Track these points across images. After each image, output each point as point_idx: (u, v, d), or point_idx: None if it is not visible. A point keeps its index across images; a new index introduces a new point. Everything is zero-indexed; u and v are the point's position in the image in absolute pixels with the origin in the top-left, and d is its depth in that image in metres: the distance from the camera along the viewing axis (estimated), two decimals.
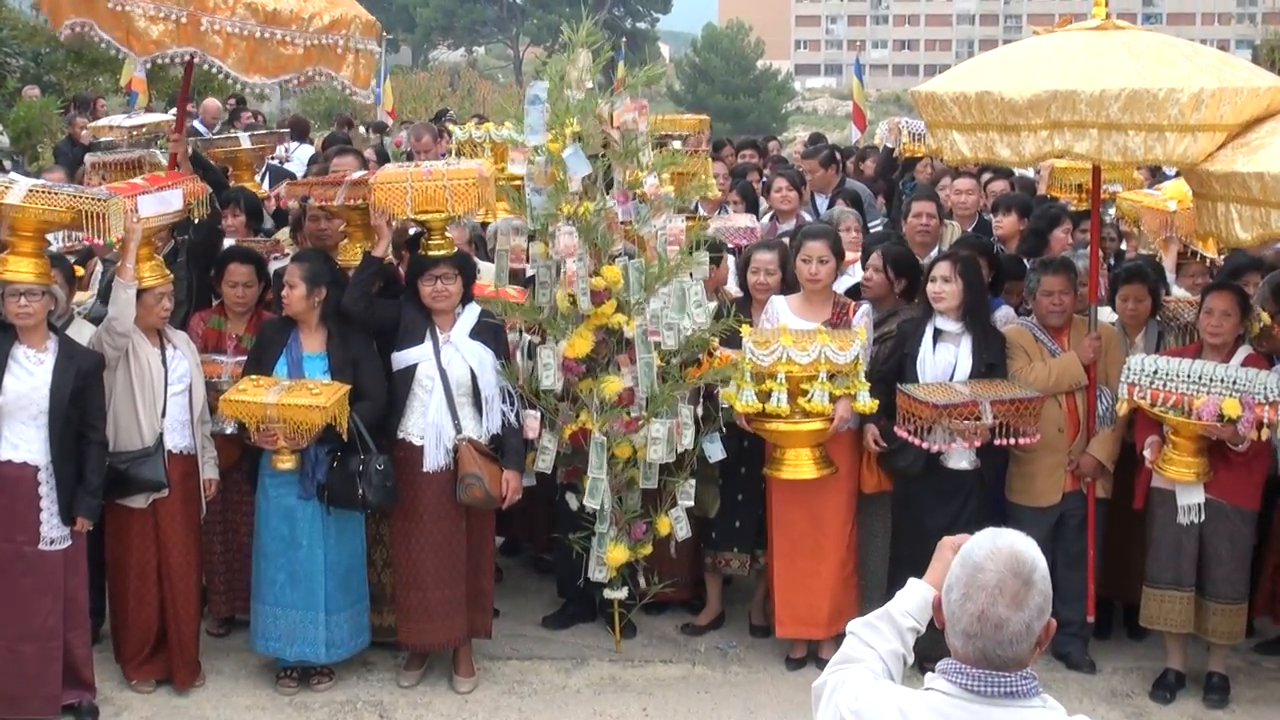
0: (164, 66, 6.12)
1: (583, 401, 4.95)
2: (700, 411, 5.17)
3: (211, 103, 10.90)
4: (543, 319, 4.90)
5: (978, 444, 4.96)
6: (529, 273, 6.11)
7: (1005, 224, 6.77)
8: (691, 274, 5.06)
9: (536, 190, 4.90)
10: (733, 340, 5.15)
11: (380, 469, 4.81)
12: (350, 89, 5.29)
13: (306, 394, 4.70)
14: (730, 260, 5.99)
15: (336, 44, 5.20)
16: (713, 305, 5.23)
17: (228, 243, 5.76)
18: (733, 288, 5.78)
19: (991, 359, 5.14)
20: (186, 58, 5.05)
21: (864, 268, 5.79)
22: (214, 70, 5.05)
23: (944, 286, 5.15)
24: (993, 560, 2.09)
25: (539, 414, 4.91)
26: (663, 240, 4.89)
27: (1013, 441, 4.96)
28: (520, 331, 5.29)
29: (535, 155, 4.96)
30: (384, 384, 4.98)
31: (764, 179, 8.86)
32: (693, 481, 5.14)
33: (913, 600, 2.39)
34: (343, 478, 4.81)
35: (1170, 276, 5.92)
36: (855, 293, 5.69)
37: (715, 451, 5.17)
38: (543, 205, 4.88)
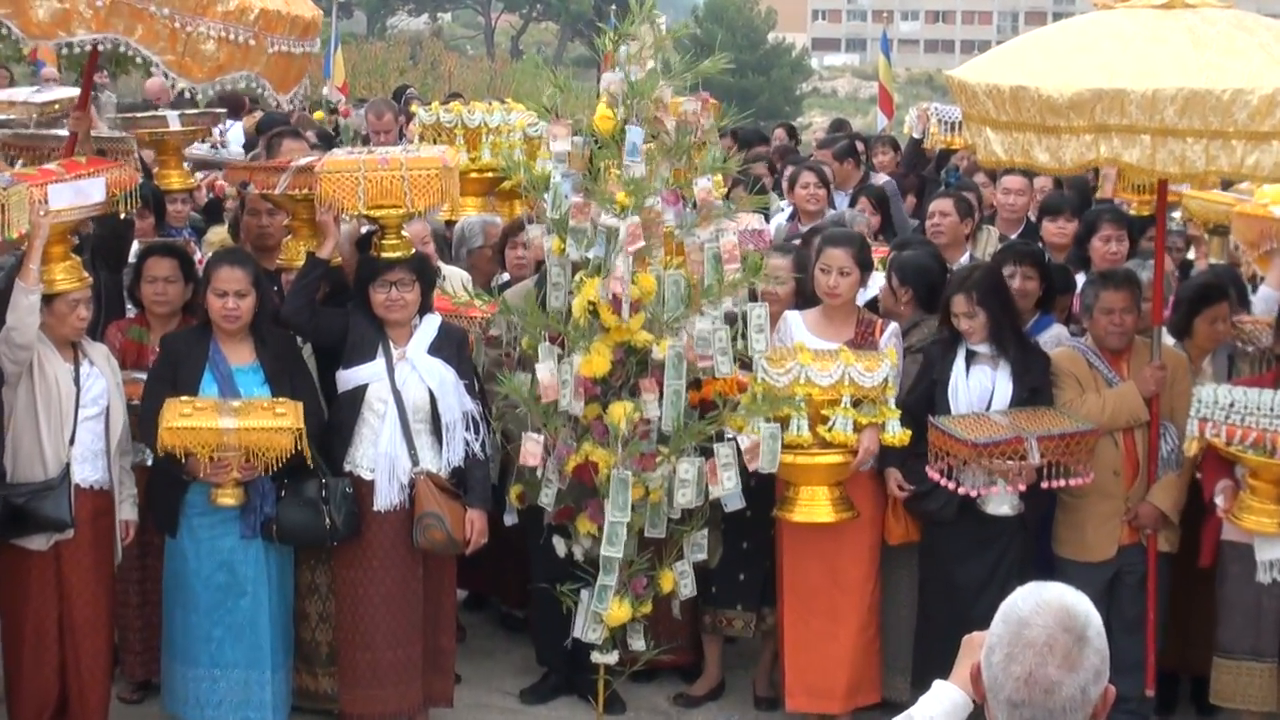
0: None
1: (585, 429, 4.96)
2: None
3: (156, 82, 10.84)
4: (567, 329, 4.89)
5: (1022, 487, 5.00)
6: (503, 278, 6.16)
7: (1055, 230, 6.82)
8: (756, 294, 5.10)
9: (568, 175, 4.90)
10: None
11: (349, 491, 4.87)
12: (269, 93, 5.31)
13: (268, 414, 4.73)
14: None
15: (269, 43, 5.22)
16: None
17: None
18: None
19: (1034, 383, 5.17)
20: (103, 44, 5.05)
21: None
22: (143, 62, 5.06)
23: (968, 323, 5.21)
24: (1040, 614, 2.08)
25: (541, 438, 4.91)
26: (711, 253, 4.88)
27: (1061, 483, 5.00)
28: (491, 343, 5.27)
29: (575, 135, 4.96)
30: (319, 395, 5.03)
31: (778, 173, 8.91)
32: (705, 531, 5.14)
33: (939, 706, 2.32)
34: (298, 507, 4.86)
35: (1268, 294, 5.92)
36: (873, 308, 5.74)
37: (734, 500, 5.12)
38: (570, 192, 4.88)
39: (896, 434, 5.09)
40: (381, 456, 4.96)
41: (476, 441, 5.04)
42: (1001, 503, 5.08)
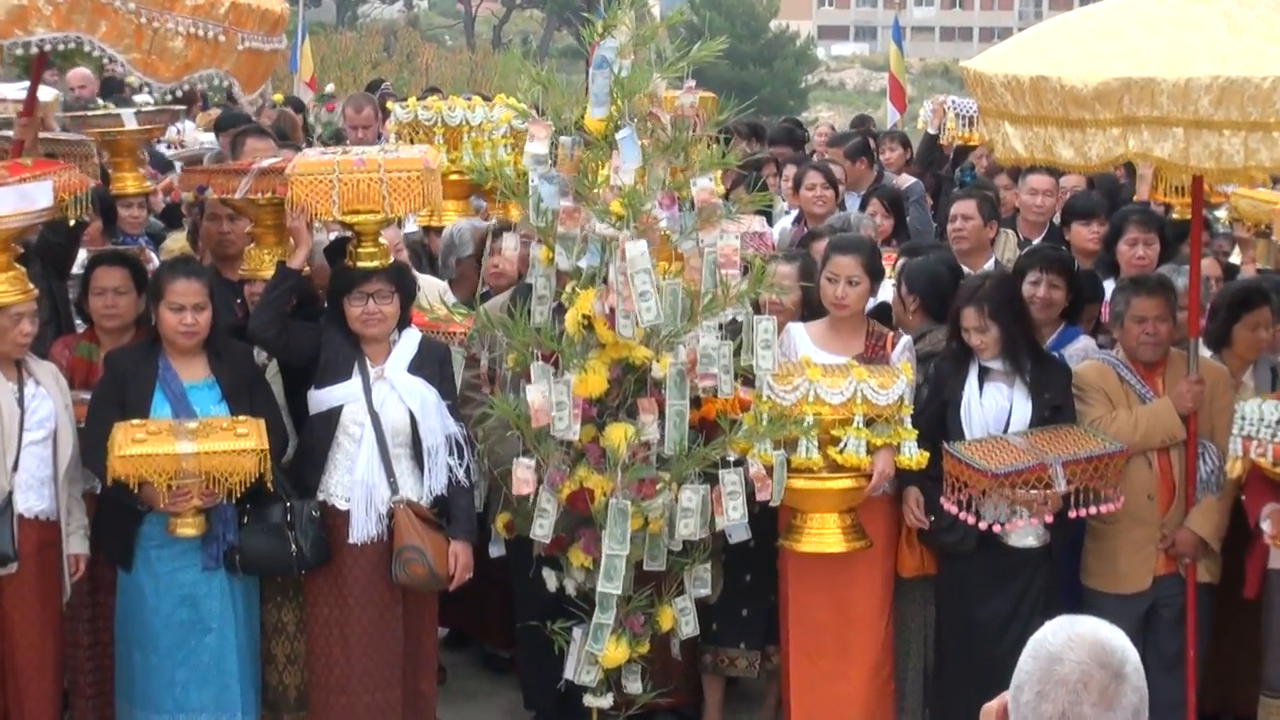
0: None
1: (580, 453, 4.92)
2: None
3: (80, 72, 10.74)
4: (561, 346, 4.84)
5: (1048, 518, 4.97)
6: (483, 289, 6.10)
7: (1087, 235, 6.79)
8: (759, 305, 5.04)
9: (547, 179, 4.84)
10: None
11: (316, 515, 4.86)
12: (237, 92, 5.25)
13: (229, 435, 4.71)
14: None
15: (240, 39, 5.16)
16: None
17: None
18: None
19: (1055, 400, 5.15)
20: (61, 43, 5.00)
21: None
22: (109, 62, 5.01)
23: (979, 338, 5.17)
24: (1073, 649, 2.07)
25: (533, 464, 4.86)
26: (711, 260, 4.81)
27: (1091, 510, 4.97)
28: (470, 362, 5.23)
29: (561, 134, 4.90)
30: (280, 412, 5.05)
31: (780, 171, 8.89)
32: (707, 565, 5.11)
33: None
34: (262, 534, 4.84)
35: None
36: (883, 317, 5.71)
37: (739, 531, 5.06)
38: (552, 197, 4.83)
39: (913, 456, 5.04)
40: (358, 484, 4.94)
41: (461, 467, 5.02)
42: (1026, 535, 5.05)
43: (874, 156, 9.07)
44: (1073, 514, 4.97)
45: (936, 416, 5.20)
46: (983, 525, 4.93)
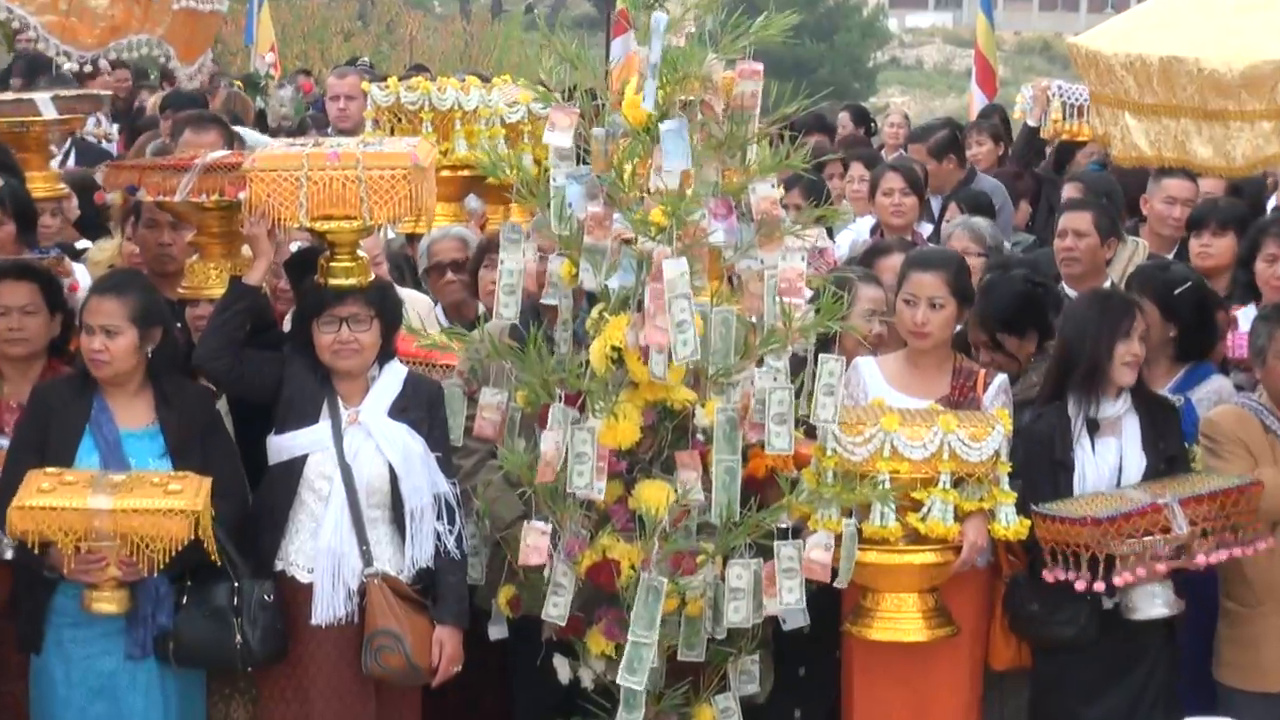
0: None
1: (603, 515, 4.86)
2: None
3: None
4: (587, 385, 4.78)
5: (1160, 568, 4.88)
6: (476, 310, 6.01)
7: (1216, 249, 6.62)
8: (833, 341, 5.03)
9: (575, 178, 4.77)
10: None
11: (269, 599, 4.83)
12: (174, 62, 5.13)
13: (157, 492, 4.66)
14: None
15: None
16: None
17: None
18: None
19: (1171, 449, 5.20)
20: None
21: None
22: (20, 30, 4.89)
23: (1135, 353, 5.14)
24: None
25: (548, 529, 4.77)
26: (772, 285, 4.77)
27: (1230, 554, 4.92)
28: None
29: (595, 126, 4.87)
30: (242, 472, 5.04)
31: (847, 171, 8.80)
32: (756, 657, 5.04)
33: None
34: (202, 618, 4.80)
35: None
36: (963, 348, 5.70)
37: (796, 617, 5.01)
38: (579, 200, 4.77)
39: (1011, 525, 4.98)
40: (323, 552, 4.88)
41: (451, 534, 4.94)
42: (1154, 600, 4.98)
43: (964, 153, 9.01)
44: (1203, 560, 4.90)
45: (1049, 483, 5.10)
46: (1099, 585, 4.84)
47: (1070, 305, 5.63)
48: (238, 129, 8.68)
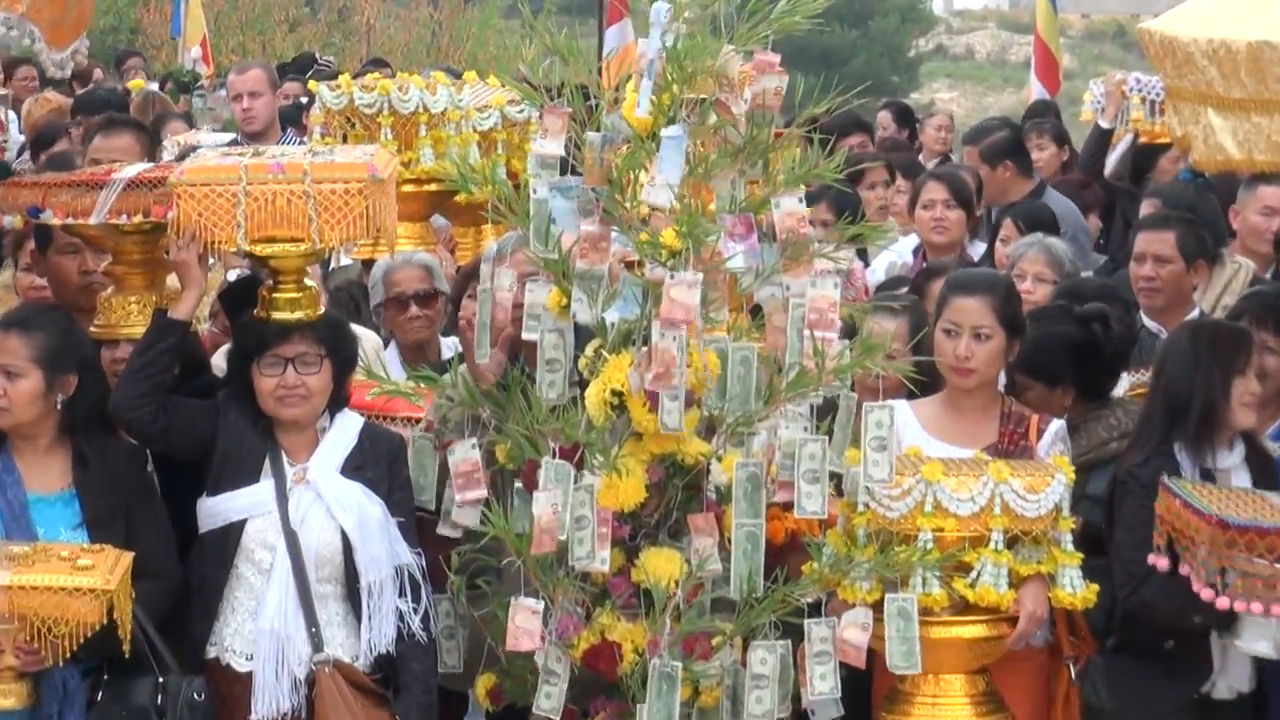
0: None
1: (601, 590, 4.83)
2: None
3: None
4: (589, 438, 4.77)
5: None
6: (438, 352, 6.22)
7: None
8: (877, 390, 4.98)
9: (563, 190, 4.74)
10: None
11: (198, 699, 4.82)
12: (42, 48, 5.03)
13: (64, 567, 4.65)
14: None
15: None
16: None
17: None
18: None
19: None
20: None
21: None
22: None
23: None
24: None
25: (540, 608, 4.74)
26: (798, 316, 4.72)
27: None
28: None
29: (589, 130, 4.88)
30: (174, 548, 5.03)
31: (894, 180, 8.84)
32: None
33: None
34: (118, 718, 4.80)
35: None
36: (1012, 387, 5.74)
37: (828, 709, 4.95)
38: (569, 218, 4.77)
39: (1077, 592, 4.96)
40: (265, 635, 4.87)
41: (416, 614, 4.92)
42: (1258, 634, 4.94)
43: (1027, 160, 8.99)
44: None
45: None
46: (1219, 600, 4.77)
47: (1170, 342, 5.57)
48: (195, 133, 8.62)
